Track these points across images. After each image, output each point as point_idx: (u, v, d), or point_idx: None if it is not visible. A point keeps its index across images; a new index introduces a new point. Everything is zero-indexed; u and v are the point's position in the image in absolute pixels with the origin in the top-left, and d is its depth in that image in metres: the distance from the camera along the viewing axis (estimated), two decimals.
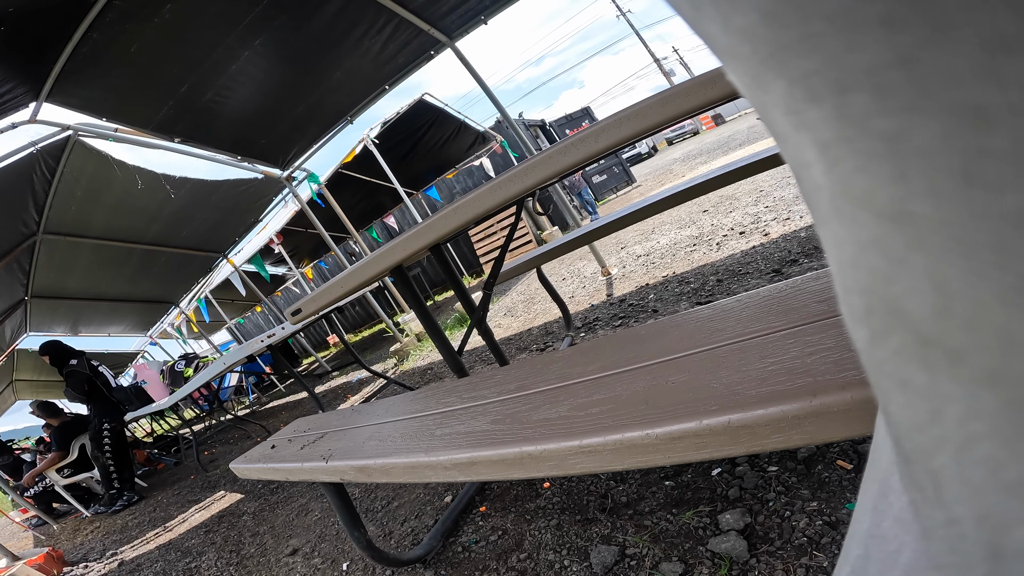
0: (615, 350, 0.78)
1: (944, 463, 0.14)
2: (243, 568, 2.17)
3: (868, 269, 0.13)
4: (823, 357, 0.47)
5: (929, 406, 0.13)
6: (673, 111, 0.78)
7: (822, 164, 0.13)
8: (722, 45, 0.13)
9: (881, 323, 0.14)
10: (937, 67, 0.10)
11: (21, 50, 2.68)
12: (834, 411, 0.41)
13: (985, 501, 0.13)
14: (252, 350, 2.93)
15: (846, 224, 0.13)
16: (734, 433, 0.45)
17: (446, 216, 1.09)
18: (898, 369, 0.14)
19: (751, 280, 2.42)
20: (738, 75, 0.14)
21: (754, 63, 0.13)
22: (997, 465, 0.12)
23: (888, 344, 0.14)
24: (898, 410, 0.15)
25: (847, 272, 0.14)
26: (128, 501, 4.64)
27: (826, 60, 0.11)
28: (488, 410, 0.81)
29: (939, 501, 0.14)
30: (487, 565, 1.36)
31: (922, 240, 0.12)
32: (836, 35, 0.11)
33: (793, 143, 0.13)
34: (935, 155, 0.10)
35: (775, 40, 0.12)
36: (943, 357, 0.12)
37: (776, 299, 0.66)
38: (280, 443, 1.42)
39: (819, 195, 0.14)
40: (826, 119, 0.12)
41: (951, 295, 0.12)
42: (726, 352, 0.59)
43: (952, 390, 0.13)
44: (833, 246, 0.14)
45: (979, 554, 0.13)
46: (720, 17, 0.13)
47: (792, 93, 0.12)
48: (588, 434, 0.55)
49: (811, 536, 0.98)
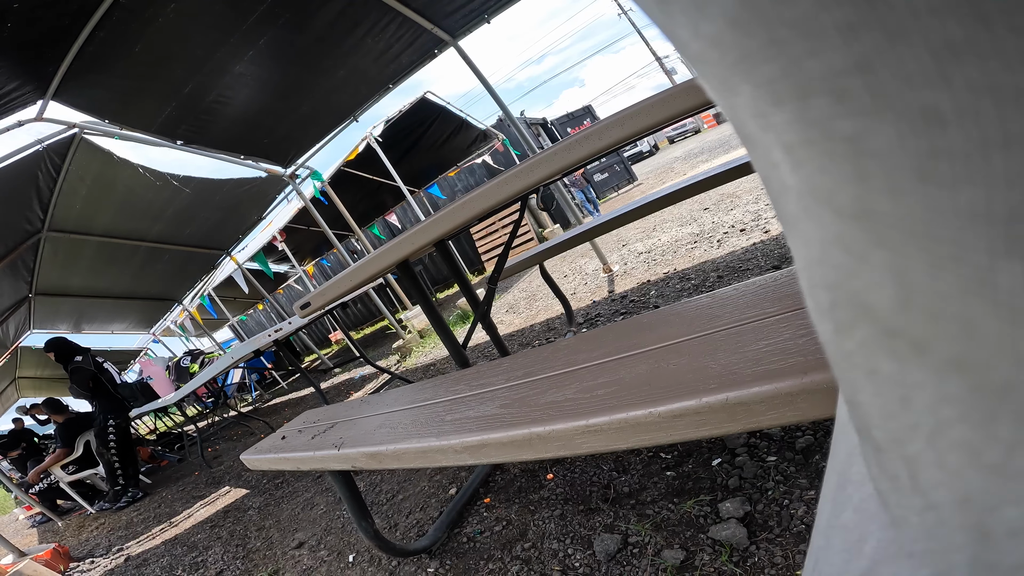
0: (618, 337, 0.81)
1: (918, 449, 0.14)
2: (249, 561, 2.20)
3: (832, 265, 0.14)
4: (814, 338, 0.49)
5: (898, 394, 0.14)
6: (674, 109, 0.80)
7: (787, 165, 0.13)
8: (693, 51, 0.14)
9: (846, 316, 0.14)
10: (891, 72, 0.10)
11: (29, 48, 2.70)
12: (824, 388, 0.43)
13: (966, 484, 0.13)
14: (260, 344, 2.96)
15: (811, 222, 0.14)
16: (732, 410, 0.48)
17: (452, 212, 1.12)
18: (865, 360, 0.14)
19: (751, 276, 2.44)
20: (708, 80, 0.15)
21: (723, 68, 0.13)
22: (975, 448, 0.12)
23: (854, 336, 0.14)
24: (867, 399, 0.15)
25: (813, 269, 0.15)
26: (133, 498, 4.66)
27: (788, 65, 0.12)
28: (496, 395, 0.84)
29: (914, 488, 0.14)
30: (492, 555, 1.39)
31: (882, 236, 0.12)
32: (797, 41, 0.11)
33: (761, 146, 0.14)
34: (892, 155, 0.11)
35: (741, 46, 0.12)
36: (908, 346, 0.13)
37: (771, 287, 0.69)
38: (290, 434, 1.45)
39: (786, 195, 0.14)
40: (790, 122, 0.13)
41: (912, 287, 0.12)
42: (723, 336, 0.62)
43: (920, 377, 0.13)
44: (800, 244, 0.15)
45: (961, 538, 0.13)
46: (690, 24, 0.13)
47: (758, 97, 0.13)
48: (594, 414, 0.58)
49: (809, 524, 1.00)
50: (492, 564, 1.35)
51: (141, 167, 4.38)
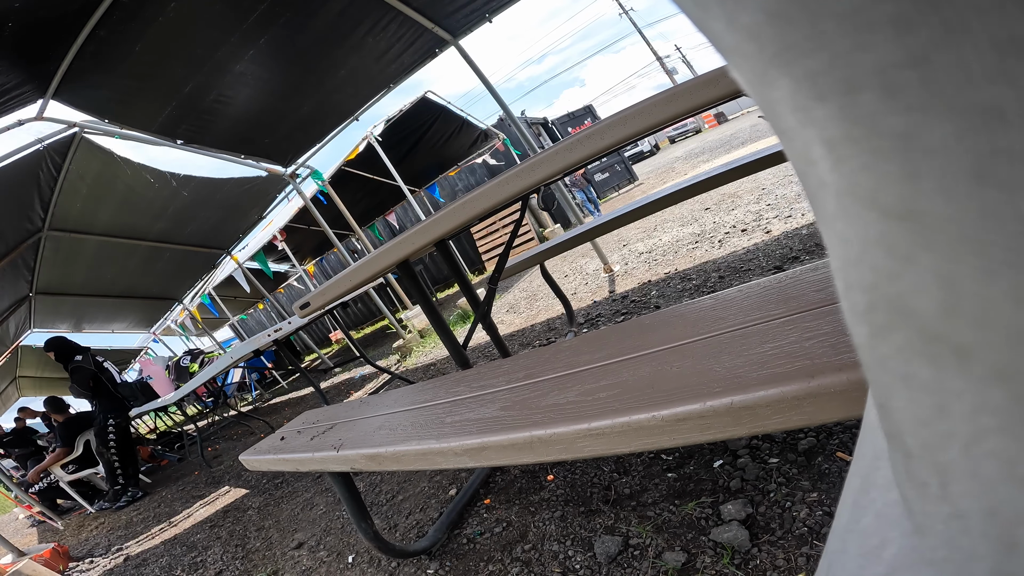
0: (621, 339, 0.80)
1: (952, 457, 0.13)
2: (249, 561, 2.19)
3: (872, 266, 0.13)
4: (820, 341, 0.49)
5: (935, 401, 0.13)
6: (675, 109, 0.79)
7: (828, 162, 0.13)
8: (728, 43, 0.14)
9: (884, 319, 0.14)
10: (949, 67, 0.10)
11: (29, 47, 2.70)
12: (831, 392, 0.43)
13: (996, 495, 0.13)
14: (260, 344, 2.95)
15: (851, 221, 0.13)
16: (736, 414, 0.48)
17: (452, 212, 1.11)
18: (901, 365, 0.14)
19: (753, 277, 2.43)
20: (743, 73, 0.14)
21: (760, 61, 0.13)
22: (1011, 459, 0.12)
23: (891, 340, 0.14)
24: (901, 405, 0.15)
25: (850, 269, 0.14)
26: (132, 497, 4.66)
27: (834, 59, 0.11)
28: (497, 397, 0.83)
29: (944, 496, 0.14)
30: (492, 556, 1.38)
31: (930, 238, 0.12)
32: (845, 34, 0.11)
33: (799, 140, 0.14)
34: (946, 154, 0.11)
35: (781, 39, 0.12)
36: (950, 353, 0.12)
37: (776, 289, 0.68)
38: (289, 435, 1.45)
39: (824, 192, 0.14)
40: (833, 117, 0.12)
41: (960, 293, 0.12)
42: (728, 339, 0.62)
43: (959, 385, 0.12)
44: (837, 243, 0.14)
45: (986, 548, 0.13)
46: (726, 15, 0.13)
47: (798, 91, 0.12)
48: (596, 417, 0.57)
49: (811, 526, 0.99)
50: (492, 566, 1.34)
51: (142, 166, 4.38)
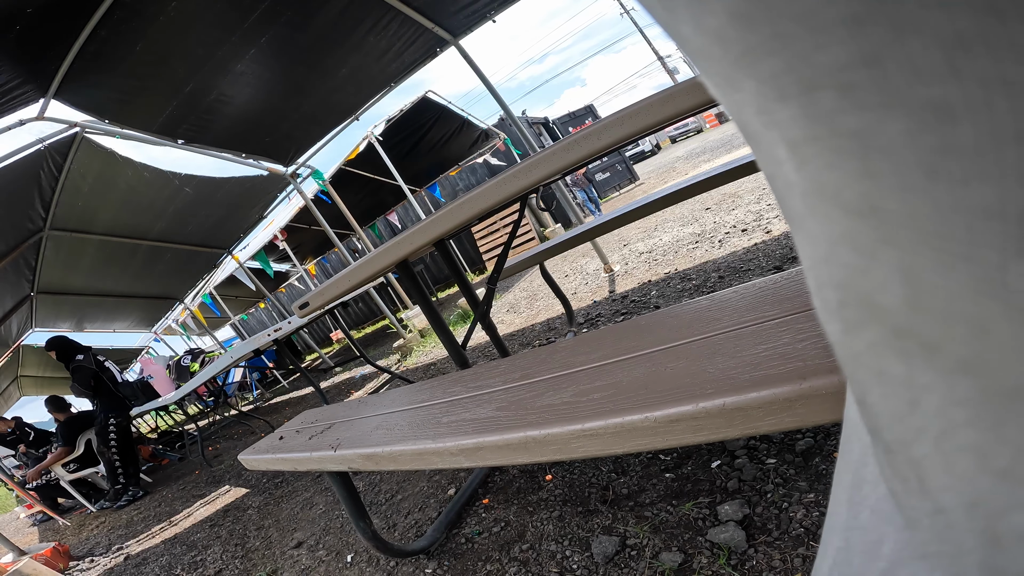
0: (616, 339, 0.80)
1: (925, 452, 0.14)
2: (248, 561, 2.20)
3: (840, 264, 0.13)
4: (813, 343, 0.49)
5: (907, 396, 0.13)
6: (676, 109, 0.79)
7: (793, 162, 0.13)
8: (695, 47, 0.14)
9: (855, 316, 0.14)
10: (900, 66, 0.10)
11: (30, 46, 2.70)
12: (823, 393, 0.43)
13: (974, 488, 0.13)
14: (259, 344, 2.96)
15: (818, 220, 0.13)
16: (729, 416, 0.48)
17: (451, 211, 1.11)
18: (874, 360, 0.14)
19: (753, 277, 2.43)
20: (711, 76, 0.14)
21: (725, 64, 0.13)
22: (984, 452, 0.12)
23: (863, 336, 0.14)
24: (876, 401, 0.15)
25: (820, 267, 0.14)
26: (133, 496, 4.66)
27: (794, 59, 0.11)
28: (493, 398, 0.83)
29: (923, 490, 0.14)
30: (490, 556, 1.38)
31: (891, 234, 0.12)
32: (803, 35, 0.11)
33: (765, 143, 0.14)
34: (901, 151, 0.11)
35: (744, 40, 0.12)
36: (918, 348, 0.12)
37: (771, 290, 0.68)
38: (288, 434, 1.45)
39: (791, 193, 0.14)
40: (795, 117, 0.12)
41: (922, 287, 0.12)
42: (722, 340, 0.62)
43: (929, 379, 0.13)
44: (806, 243, 0.15)
45: (971, 541, 0.13)
46: (692, 18, 0.13)
47: (762, 92, 0.13)
48: (590, 418, 0.57)
49: (808, 527, 0.99)
50: (490, 565, 1.34)
51: (143, 166, 4.39)
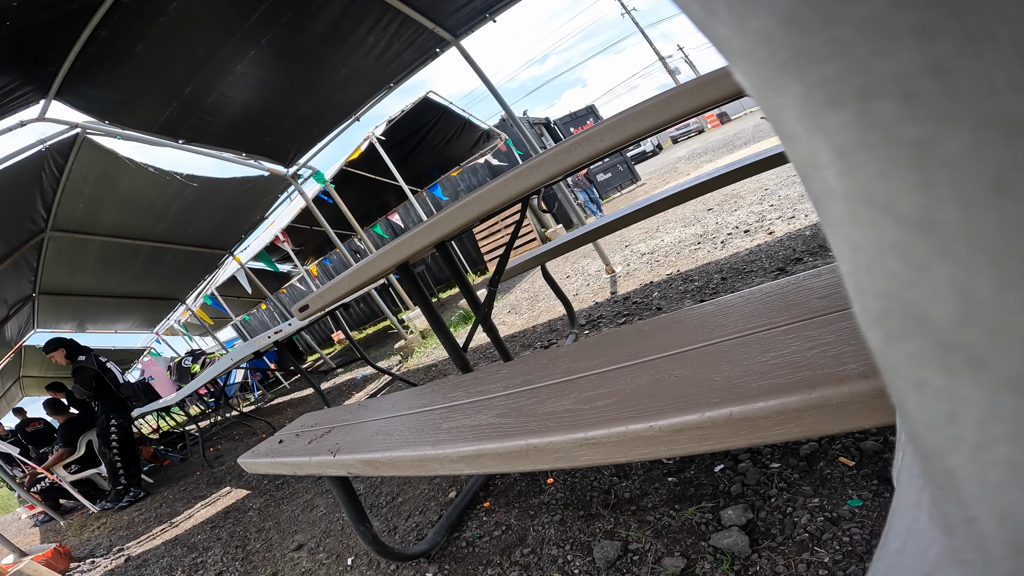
0: (619, 345, 0.79)
1: (959, 463, 0.14)
2: (248, 563, 2.19)
3: (886, 273, 0.13)
4: (823, 351, 0.48)
5: (945, 408, 0.13)
6: (678, 109, 0.78)
7: (837, 168, 0.13)
8: (735, 48, 0.13)
9: (898, 326, 0.14)
10: (971, 77, 0.10)
11: (30, 47, 2.70)
12: (833, 404, 0.42)
13: (1005, 501, 0.13)
14: (259, 346, 2.95)
15: (863, 228, 0.13)
16: (735, 425, 0.46)
17: (452, 213, 1.10)
18: (914, 371, 0.14)
19: (755, 278, 2.42)
20: (750, 78, 0.14)
21: (769, 67, 0.13)
22: (1018, 467, 0.12)
23: (904, 346, 0.14)
24: (913, 410, 0.15)
25: (862, 275, 0.14)
26: (134, 497, 4.67)
27: (850, 66, 0.11)
28: (494, 404, 0.82)
29: (957, 500, 0.14)
30: (491, 560, 1.37)
31: (947, 247, 0.11)
32: (863, 42, 0.11)
33: (805, 146, 0.13)
34: (965, 165, 0.10)
35: (795, 44, 0.12)
36: (964, 362, 0.12)
37: (778, 295, 0.67)
38: (288, 438, 1.44)
39: (831, 198, 0.14)
40: (846, 124, 0.12)
41: (975, 303, 0.12)
42: (728, 347, 0.60)
43: (970, 394, 0.13)
44: (847, 249, 0.14)
45: (1001, 551, 0.13)
46: (735, 20, 0.12)
47: (809, 97, 0.12)
48: (593, 427, 0.56)
49: (812, 532, 0.98)
50: (491, 569, 1.33)
51: (144, 166, 4.39)
